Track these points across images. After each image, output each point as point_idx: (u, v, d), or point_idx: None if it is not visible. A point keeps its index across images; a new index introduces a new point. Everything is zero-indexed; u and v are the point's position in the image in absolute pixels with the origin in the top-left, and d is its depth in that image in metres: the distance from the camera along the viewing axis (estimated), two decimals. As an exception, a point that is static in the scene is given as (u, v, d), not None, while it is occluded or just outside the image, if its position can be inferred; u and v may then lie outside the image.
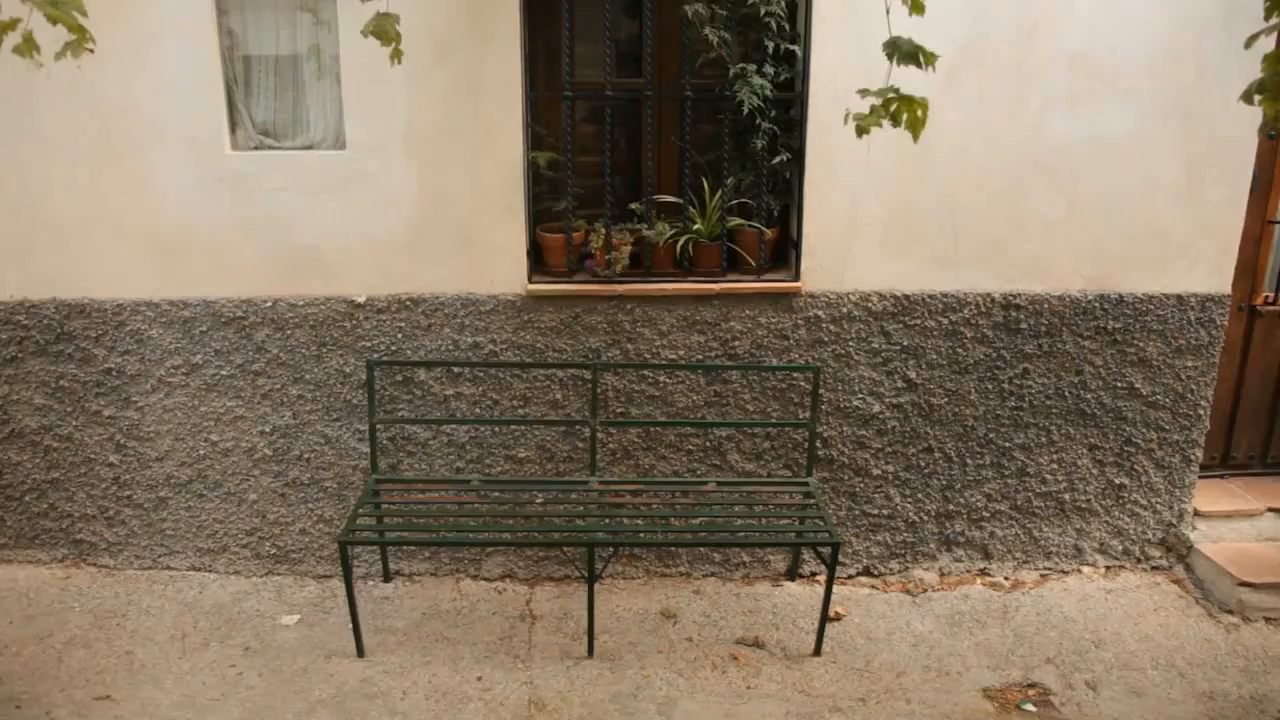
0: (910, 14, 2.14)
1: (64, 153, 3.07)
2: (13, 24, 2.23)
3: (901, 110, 2.18)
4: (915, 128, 2.18)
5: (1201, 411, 3.41)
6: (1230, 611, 3.23)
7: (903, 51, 2.12)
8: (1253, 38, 2.17)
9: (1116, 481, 3.44)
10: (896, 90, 2.16)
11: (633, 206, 3.25)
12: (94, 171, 3.09)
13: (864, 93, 2.20)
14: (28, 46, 2.22)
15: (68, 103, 3.01)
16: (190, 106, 3.04)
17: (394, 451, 3.33)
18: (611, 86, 3.10)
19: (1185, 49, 3.06)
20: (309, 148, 3.18)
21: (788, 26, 3.07)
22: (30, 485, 3.38)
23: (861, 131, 2.23)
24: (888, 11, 2.14)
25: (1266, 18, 2.13)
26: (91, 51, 2.37)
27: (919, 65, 2.11)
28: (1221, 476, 3.71)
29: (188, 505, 3.39)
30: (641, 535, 3.20)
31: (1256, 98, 2.22)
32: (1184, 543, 3.49)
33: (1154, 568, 3.53)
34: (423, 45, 2.95)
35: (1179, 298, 3.29)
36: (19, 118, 3.04)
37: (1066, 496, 3.44)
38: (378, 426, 3.23)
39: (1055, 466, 3.41)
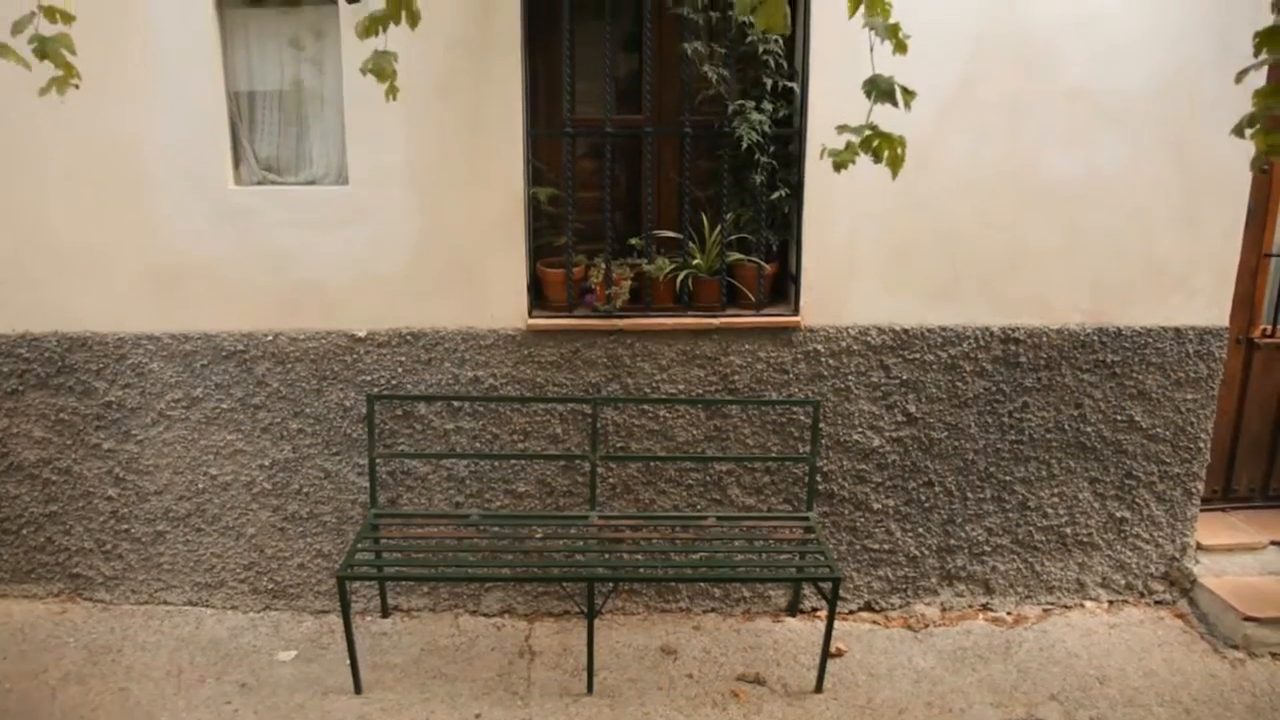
0: (894, 53, 2.18)
1: (68, 187, 3.10)
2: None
3: (883, 147, 2.22)
4: (895, 165, 2.22)
5: (1202, 444, 3.40)
6: (1236, 647, 3.20)
7: (880, 90, 2.16)
8: (1242, 73, 2.21)
9: (1118, 515, 3.43)
10: (874, 127, 2.20)
11: (633, 242, 3.27)
12: (98, 206, 3.11)
13: (842, 129, 2.24)
14: (64, 80, 2.25)
15: (72, 138, 3.04)
16: (195, 142, 3.08)
17: (393, 486, 3.32)
18: (611, 123, 3.13)
19: (1178, 84, 3.10)
20: (311, 183, 3.21)
21: (786, 64, 3.11)
22: (28, 518, 3.37)
23: (839, 167, 2.27)
24: (871, 50, 2.18)
25: (1256, 54, 2.17)
26: (77, 88, 2.41)
27: (894, 104, 2.15)
28: (1223, 509, 3.70)
29: (185, 539, 3.37)
30: (641, 570, 3.19)
31: (1247, 131, 2.25)
32: (1187, 577, 3.47)
33: (1157, 602, 3.51)
34: (425, 82, 2.99)
35: (1177, 331, 3.30)
36: (23, 153, 3.07)
37: (1068, 530, 3.43)
38: (377, 461, 3.23)
39: (1056, 500, 3.40)
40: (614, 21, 3.07)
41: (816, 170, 3.05)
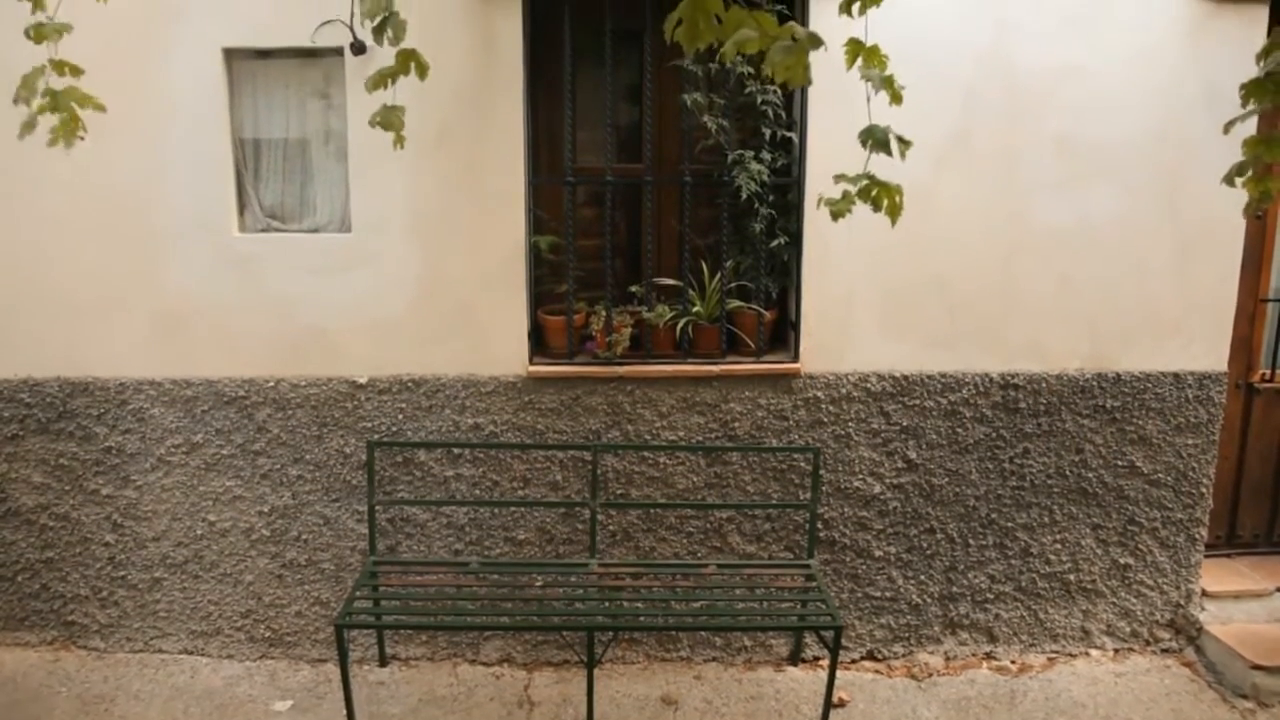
0: (890, 104, 2.22)
1: (74, 232, 3.13)
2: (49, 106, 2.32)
3: (881, 196, 2.25)
4: (894, 213, 2.26)
5: (1204, 490, 3.39)
6: (1245, 696, 3.16)
7: (876, 139, 2.21)
8: (1230, 123, 2.26)
9: (1121, 561, 3.41)
10: (872, 176, 2.23)
11: (633, 289, 3.29)
12: (102, 251, 3.14)
13: (839, 178, 2.29)
14: (69, 129, 2.30)
15: (79, 184, 3.09)
16: (201, 189, 3.12)
17: (393, 533, 3.30)
18: (612, 172, 3.17)
19: (1169, 133, 3.15)
20: (315, 230, 3.25)
21: (784, 114, 3.16)
22: (24, 565, 3.35)
23: (836, 216, 2.31)
24: (869, 100, 2.23)
25: (1244, 104, 2.23)
26: (83, 139, 2.45)
27: (889, 154, 2.19)
28: (1228, 555, 3.68)
29: (182, 586, 3.34)
30: (641, 619, 3.15)
31: (1238, 180, 2.29)
32: (1193, 624, 3.44)
33: (1164, 650, 3.47)
34: (429, 131, 3.04)
35: (1176, 376, 3.31)
36: (30, 198, 3.11)
37: (1071, 577, 3.40)
38: (377, 508, 3.22)
39: (1059, 546, 3.38)
40: (614, 72, 3.13)
41: (815, 219, 3.08)
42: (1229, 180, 2.30)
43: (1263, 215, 3.47)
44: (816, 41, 1.75)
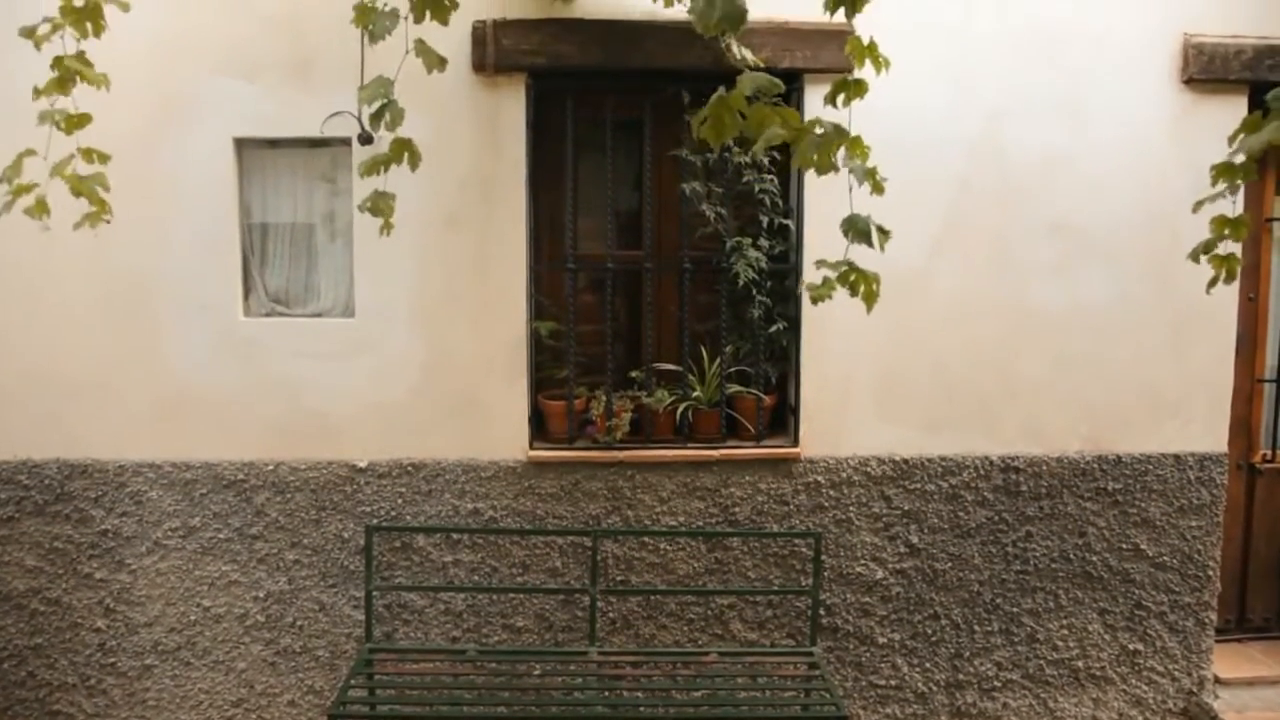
0: (871, 194, 2.29)
1: (78, 315, 3.16)
2: (29, 187, 2.38)
3: (859, 282, 2.30)
4: (869, 300, 2.31)
5: (1211, 572, 3.35)
6: (1262, 789, 3.08)
7: (857, 229, 2.27)
8: (1199, 203, 2.37)
9: (1130, 647, 3.35)
10: (851, 264, 2.28)
11: (633, 374, 3.31)
12: (106, 334, 3.16)
13: (820, 264, 2.33)
14: (40, 209, 2.37)
15: (85, 267, 3.12)
16: (207, 273, 3.16)
17: (389, 619, 3.25)
18: (612, 258, 3.23)
19: (1160, 218, 3.22)
20: (319, 315, 3.28)
21: (781, 202, 3.23)
22: (11, 651, 3.28)
23: (816, 300, 2.37)
24: (850, 191, 2.29)
25: (1213, 184, 2.33)
26: (108, 223, 2.51)
27: (869, 244, 2.24)
28: (1239, 640, 3.61)
29: (173, 674, 3.28)
30: (642, 709, 3.08)
31: (1203, 257, 2.37)
32: (1208, 712, 3.36)
33: (1177, 740, 3.39)
34: (434, 218, 3.10)
35: (1176, 457, 3.31)
36: (34, 280, 3.14)
37: (1080, 664, 3.34)
38: (374, 593, 3.17)
39: (1066, 632, 3.33)
40: (615, 161, 3.21)
41: (812, 304, 3.12)
42: (1194, 257, 2.40)
43: (1255, 297, 3.53)
44: (843, 134, 1.82)
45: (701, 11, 1.82)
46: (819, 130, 1.89)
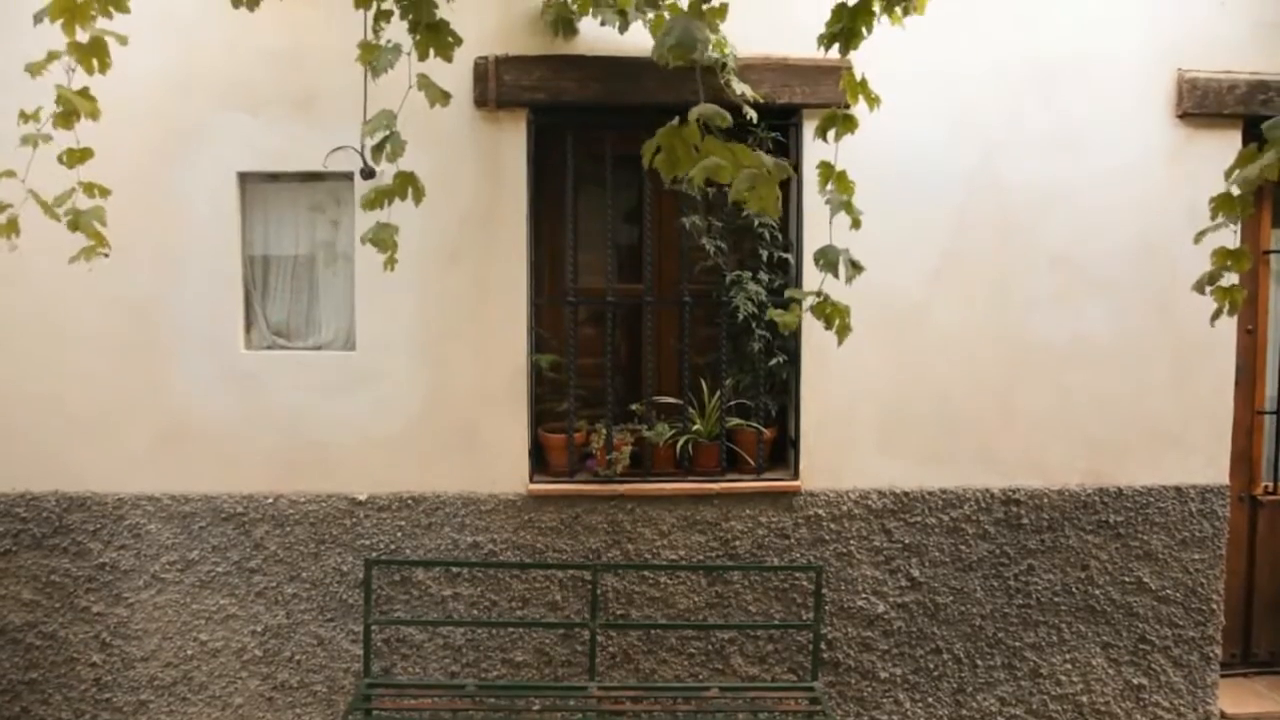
0: (850, 228, 2.32)
1: (81, 349, 3.16)
2: (3, 207, 2.39)
3: (833, 315, 2.30)
4: (842, 333, 2.32)
5: (1214, 606, 3.33)
6: (1271, 828, 3.03)
7: (828, 260, 2.29)
8: (1200, 234, 2.38)
9: (1134, 682, 3.32)
10: (824, 295, 2.29)
11: (633, 407, 3.31)
12: (107, 366, 3.17)
13: (791, 294, 2.35)
14: (9, 229, 2.38)
15: (89, 302, 3.13)
16: (209, 306, 3.17)
17: (388, 654, 3.23)
18: (613, 292, 3.24)
19: (1159, 251, 3.24)
20: (319, 348, 3.29)
21: (780, 236, 3.25)
22: (5, 686, 3.25)
23: (785, 328, 2.37)
24: (830, 222, 2.32)
25: (1213, 217, 2.34)
26: (106, 256, 2.52)
27: (836, 275, 2.25)
28: (1244, 674, 3.58)
29: (169, 709, 3.25)
30: (642, 746, 3.06)
31: (1208, 289, 2.38)
32: (1213, 748, 3.33)
33: (1184, 777, 3.35)
34: (434, 252, 3.12)
35: (1178, 489, 3.30)
36: (39, 315, 3.15)
37: (1084, 699, 3.31)
38: (372, 628, 3.15)
39: (1069, 667, 3.30)
40: (615, 195, 3.23)
41: (812, 338, 3.13)
42: (1199, 288, 2.41)
43: (1253, 330, 3.54)
44: (784, 172, 1.79)
45: (658, 41, 1.81)
46: (765, 168, 1.82)
